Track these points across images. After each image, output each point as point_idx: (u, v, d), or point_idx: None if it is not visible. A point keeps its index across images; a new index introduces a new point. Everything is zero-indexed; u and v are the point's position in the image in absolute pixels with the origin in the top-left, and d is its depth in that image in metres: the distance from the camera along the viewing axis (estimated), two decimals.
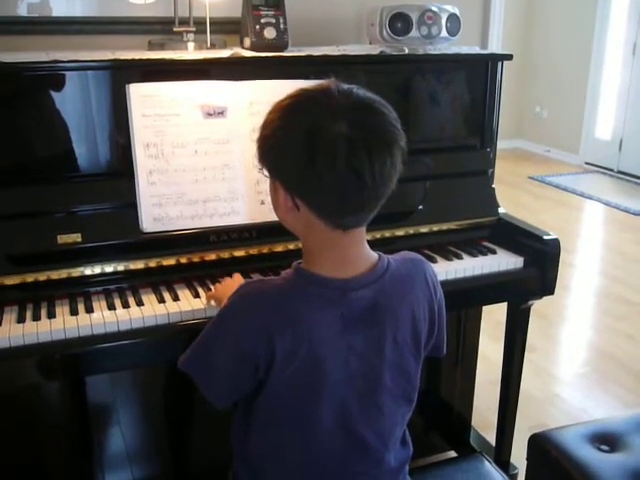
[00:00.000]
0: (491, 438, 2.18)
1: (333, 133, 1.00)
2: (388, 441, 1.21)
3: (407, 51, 1.95)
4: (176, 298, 1.50)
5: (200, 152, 1.59)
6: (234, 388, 1.16)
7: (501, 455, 2.07)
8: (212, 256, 1.61)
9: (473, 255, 1.79)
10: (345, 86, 1.06)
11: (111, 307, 1.45)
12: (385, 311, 1.13)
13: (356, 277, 1.11)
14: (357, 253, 1.13)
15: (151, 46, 1.99)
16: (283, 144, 1.05)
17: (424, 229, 1.82)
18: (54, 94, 1.55)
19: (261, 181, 1.63)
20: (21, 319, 1.39)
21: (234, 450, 1.28)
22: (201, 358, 1.17)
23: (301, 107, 1.06)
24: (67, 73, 1.55)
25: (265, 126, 1.08)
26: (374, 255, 1.16)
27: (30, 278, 1.47)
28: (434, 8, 1.98)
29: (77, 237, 1.51)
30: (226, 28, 2.00)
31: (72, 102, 1.56)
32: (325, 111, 1.02)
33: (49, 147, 1.58)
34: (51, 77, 1.55)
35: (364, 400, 1.16)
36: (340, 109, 1.02)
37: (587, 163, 6.80)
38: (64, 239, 1.50)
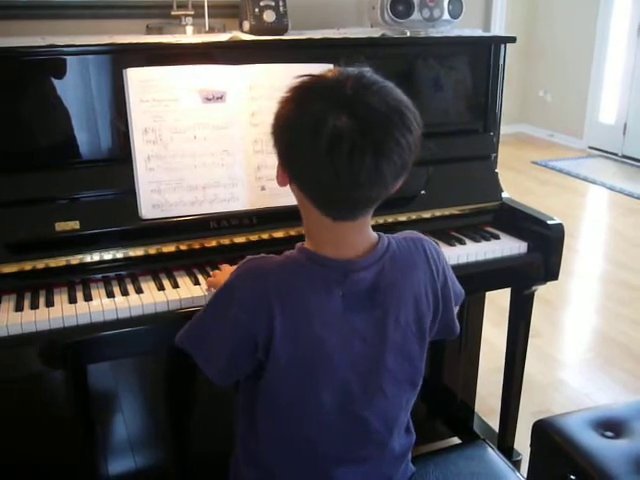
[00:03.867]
0: (494, 424, 2.17)
1: (328, 123, 0.98)
2: (393, 426, 1.20)
3: (409, 34, 1.92)
4: (176, 285, 1.49)
5: (199, 137, 1.57)
6: (233, 365, 1.15)
7: (505, 441, 2.06)
8: (212, 243, 1.60)
9: (476, 240, 1.77)
10: (369, 80, 1.03)
11: (110, 295, 1.44)
12: (386, 292, 1.12)
13: (357, 258, 1.10)
14: (354, 239, 1.12)
15: (149, 30, 1.98)
16: (285, 115, 1.05)
17: (426, 214, 1.80)
18: (50, 79, 1.53)
19: (262, 167, 1.61)
20: (19, 307, 1.38)
21: (236, 436, 1.27)
22: (199, 333, 1.16)
23: (316, 88, 1.05)
24: (63, 58, 1.52)
25: (286, 91, 1.07)
26: (374, 235, 1.15)
27: (28, 266, 1.46)
28: None
29: (75, 224, 1.49)
30: (225, 11, 1.99)
31: (69, 87, 1.54)
32: (333, 98, 1.00)
33: (45, 133, 1.56)
34: (47, 62, 1.53)
35: (367, 383, 1.14)
36: (347, 102, 1.00)
37: (591, 147, 6.76)
38: (62, 226, 1.48)
